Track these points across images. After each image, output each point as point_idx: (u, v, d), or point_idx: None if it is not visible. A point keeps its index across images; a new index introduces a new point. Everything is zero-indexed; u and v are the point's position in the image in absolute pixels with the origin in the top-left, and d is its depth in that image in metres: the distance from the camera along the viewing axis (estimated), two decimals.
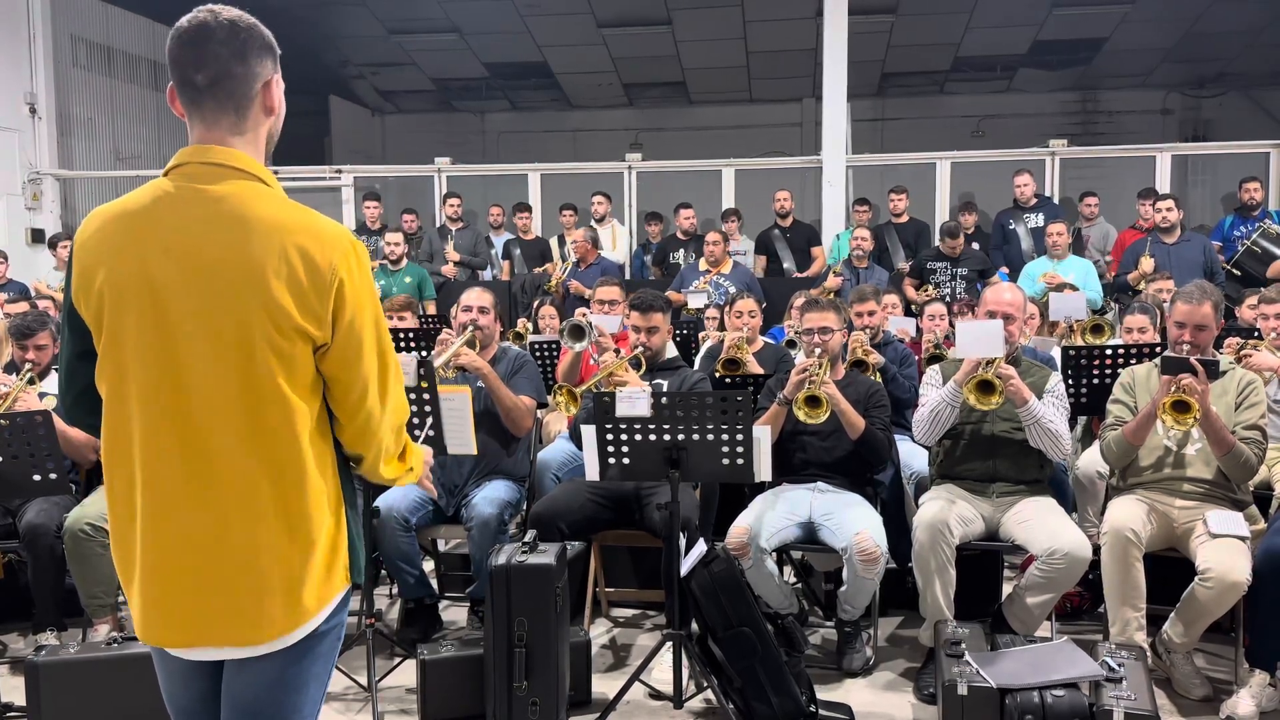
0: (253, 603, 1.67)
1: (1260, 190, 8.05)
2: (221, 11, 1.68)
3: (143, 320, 1.65)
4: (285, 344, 1.64)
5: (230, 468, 1.65)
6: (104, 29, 11.17)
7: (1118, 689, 2.91)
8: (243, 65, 1.67)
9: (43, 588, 4.03)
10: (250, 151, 1.71)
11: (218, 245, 1.63)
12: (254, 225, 1.63)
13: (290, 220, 1.66)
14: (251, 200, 1.65)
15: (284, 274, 1.62)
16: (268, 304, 1.62)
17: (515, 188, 10.51)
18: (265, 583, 1.67)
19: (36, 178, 10.39)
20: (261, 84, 1.71)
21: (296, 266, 1.63)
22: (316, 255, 1.64)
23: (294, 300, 1.63)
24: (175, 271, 1.64)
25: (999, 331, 3.67)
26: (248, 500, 1.66)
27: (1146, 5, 11.12)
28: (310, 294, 1.64)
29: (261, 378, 1.64)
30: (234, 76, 1.67)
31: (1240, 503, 3.66)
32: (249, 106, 1.70)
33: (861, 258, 7.92)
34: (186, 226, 1.64)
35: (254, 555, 1.66)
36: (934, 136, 12.83)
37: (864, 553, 3.58)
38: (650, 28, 11.92)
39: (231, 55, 1.66)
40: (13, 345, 4.38)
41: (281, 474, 1.67)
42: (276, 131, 1.80)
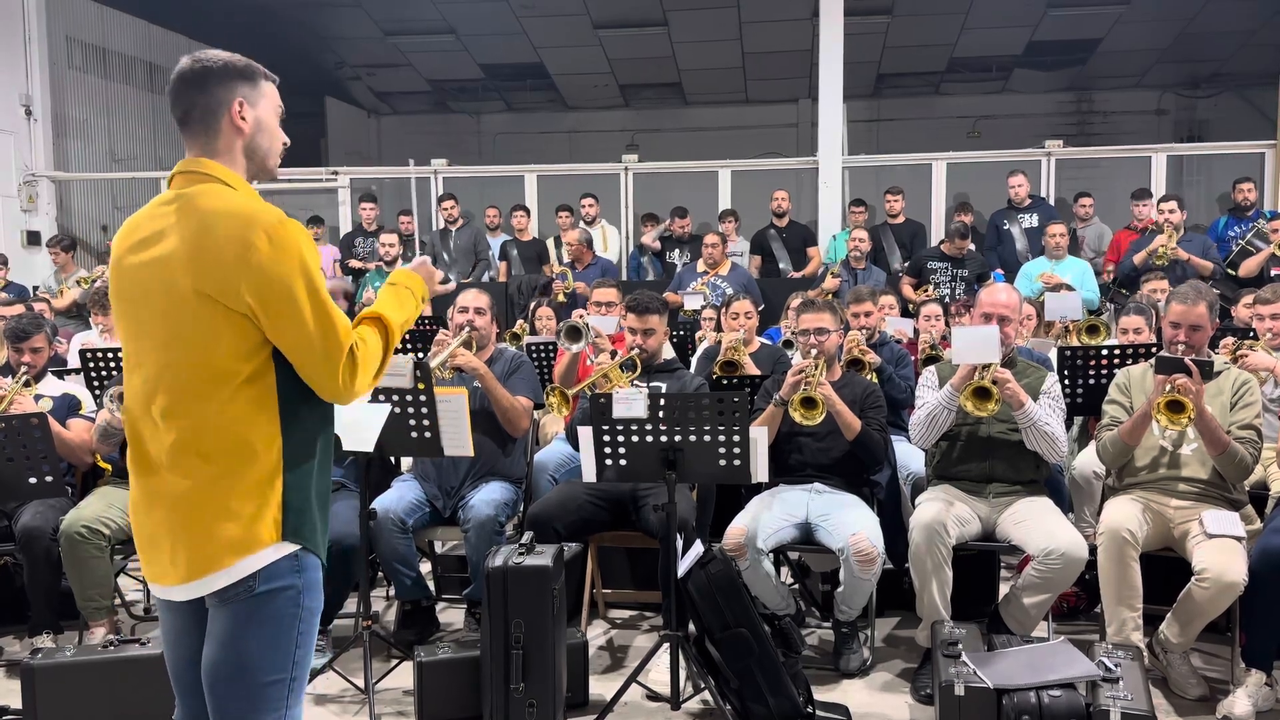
0: (172, 545, 1.90)
1: (1254, 190, 8.07)
2: (202, 56, 1.97)
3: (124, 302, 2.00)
4: (210, 315, 1.86)
5: (170, 420, 1.89)
6: (100, 30, 11.16)
7: (1114, 689, 2.92)
8: (204, 95, 1.95)
9: (38, 590, 4.02)
10: (224, 163, 1.97)
11: (174, 234, 1.89)
12: (200, 216, 1.88)
13: (223, 207, 1.88)
14: (205, 197, 1.90)
15: (211, 253, 1.85)
16: (196, 281, 1.85)
17: (511, 189, 10.51)
18: (185, 526, 1.88)
19: (32, 179, 10.37)
20: (225, 108, 1.96)
21: (221, 246, 1.84)
22: (235, 233, 1.84)
23: (215, 275, 1.84)
24: (145, 257, 1.93)
25: (995, 337, 3.67)
26: (178, 453, 1.89)
27: (1141, 6, 11.15)
28: (228, 268, 1.83)
29: (192, 345, 1.88)
30: (197, 106, 1.95)
31: (1236, 502, 3.67)
32: (216, 130, 1.96)
33: (859, 259, 7.92)
34: (157, 220, 1.94)
35: (177, 501, 1.89)
36: (929, 137, 12.86)
37: (861, 553, 3.59)
38: (646, 29, 11.93)
39: (194, 90, 1.95)
40: (8, 348, 4.37)
41: (202, 431, 1.87)
42: (264, 146, 2.02)
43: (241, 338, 1.87)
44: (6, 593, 4.38)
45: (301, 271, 1.86)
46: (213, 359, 1.87)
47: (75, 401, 4.40)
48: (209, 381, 1.87)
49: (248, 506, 1.87)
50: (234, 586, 1.87)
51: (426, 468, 4.17)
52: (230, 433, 1.87)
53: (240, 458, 1.87)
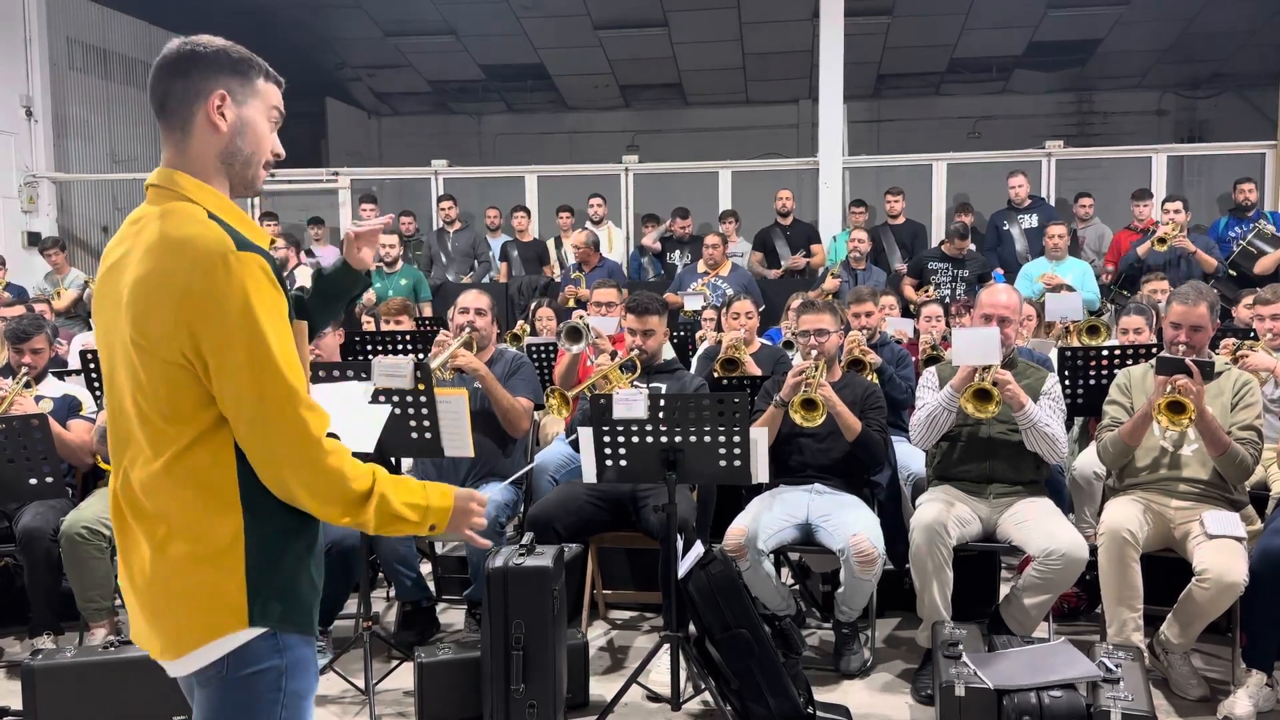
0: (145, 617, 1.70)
1: (1255, 191, 8.07)
2: (194, 39, 1.71)
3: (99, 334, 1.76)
4: (142, 366, 1.62)
5: (135, 481, 1.67)
6: (100, 32, 11.16)
7: (1115, 689, 2.92)
8: (183, 82, 1.68)
9: (39, 591, 4.02)
10: (195, 171, 1.69)
11: (129, 266, 1.64)
12: (148, 249, 1.62)
13: (173, 236, 1.60)
14: (165, 221, 1.63)
15: (147, 296, 1.60)
16: (132, 328, 1.61)
17: (512, 190, 10.51)
18: (151, 603, 1.68)
19: (32, 181, 10.38)
20: (205, 101, 1.67)
21: (158, 286, 1.59)
22: (169, 271, 1.58)
23: (150, 322, 1.59)
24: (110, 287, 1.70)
25: (995, 339, 3.67)
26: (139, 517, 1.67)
27: (1141, 6, 11.14)
28: (161, 312, 1.58)
29: (133, 399, 1.64)
30: (174, 94, 1.68)
31: (1236, 503, 3.67)
32: (191, 124, 1.68)
33: (860, 259, 7.92)
34: (123, 242, 1.69)
35: (142, 571, 1.68)
36: (930, 138, 12.86)
37: (861, 554, 3.59)
38: (646, 30, 11.93)
39: (174, 75, 1.68)
40: (9, 349, 4.38)
41: (152, 494, 1.64)
42: (244, 152, 1.72)
43: (186, 391, 1.61)
44: (7, 594, 4.38)
45: (245, 312, 1.56)
46: (161, 412, 1.62)
47: (76, 402, 4.41)
48: (161, 437, 1.63)
49: (207, 585, 1.62)
50: (207, 670, 1.65)
51: (427, 468, 4.17)
52: (182, 499, 1.62)
53: (195, 529, 1.62)
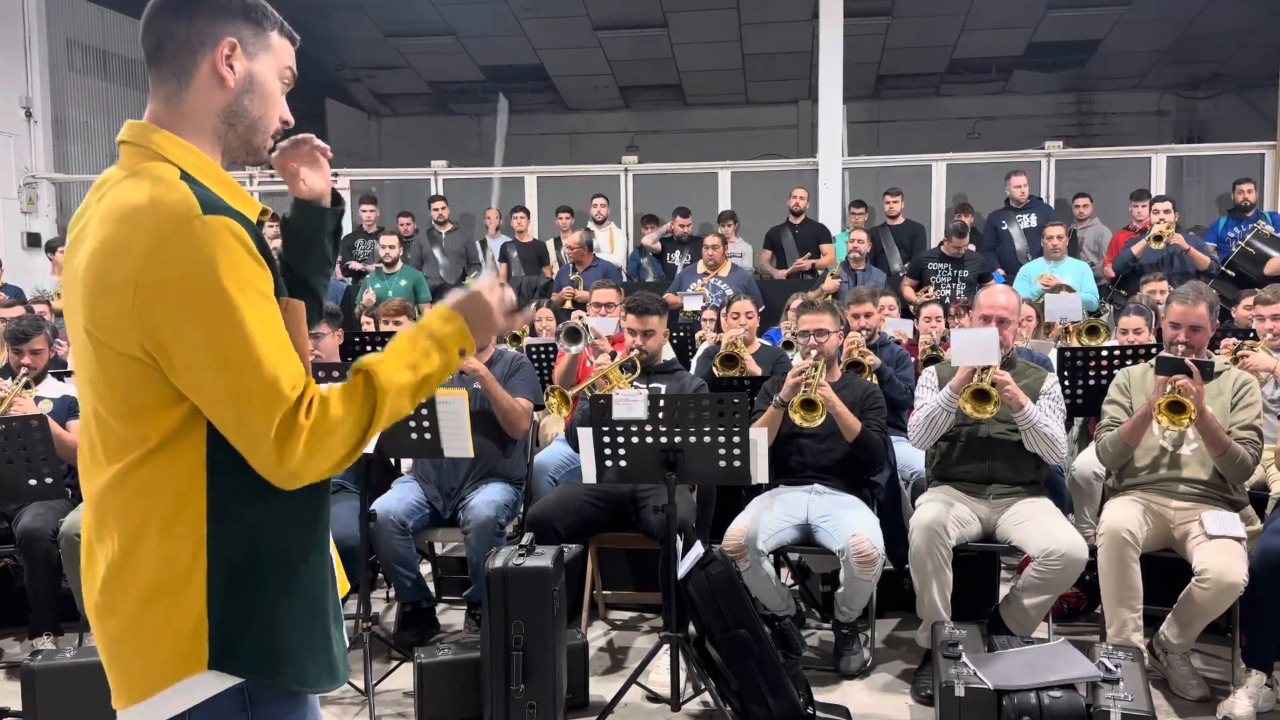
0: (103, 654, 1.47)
1: (1254, 191, 8.07)
2: None
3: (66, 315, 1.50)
4: (97, 359, 1.38)
5: (91, 491, 1.44)
6: (99, 32, 11.16)
7: (1115, 690, 2.92)
8: (185, 24, 1.43)
9: (38, 592, 4.02)
10: (185, 129, 1.44)
11: (87, 239, 1.39)
12: (108, 218, 1.37)
13: (134, 203, 1.35)
14: (130, 189, 1.38)
15: (99, 274, 1.35)
16: (85, 315, 1.37)
17: (512, 191, 10.51)
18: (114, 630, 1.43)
19: (32, 181, 10.38)
20: (211, 49, 1.43)
21: (104, 260, 1.34)
22: (127, 242, 1.33)
23: (101, 306, 1.35)
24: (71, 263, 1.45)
25: (994, 340, 3.67)
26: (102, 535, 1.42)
27: (1141, 7, 11.15)
28: (114, 292, 1.33)
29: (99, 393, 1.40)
30: (173, 38, 1.43)
31: (1236, 503, 3.67)
32: (192, 74, 1.44)
33: (859, 260, 7.93)
34: (86, 211, 1.45)
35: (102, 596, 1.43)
36: (929, 138, 12.86)
37: (861, 554, 3.59)
38: (646, 30, 11.94)
39: (175, 14, 1.43)
40: (9, 349, 4.37)
41: (104, 509, 1.40)
42: (252, 112, 1.49)
43: (145, 388, 1.35)
44: (7, 594, 4.38)
45: (212, 289, 1.31)
46: (117, 412, 1.38)
47: (75, 403, 4.37)
48: (116, 441, 1.38)
49: (160, 618, 1.37)
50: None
51: (427, 469, 4.17)
52: (139, 511, 1.37)
53: (151, 548, 1.36)
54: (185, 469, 1.37)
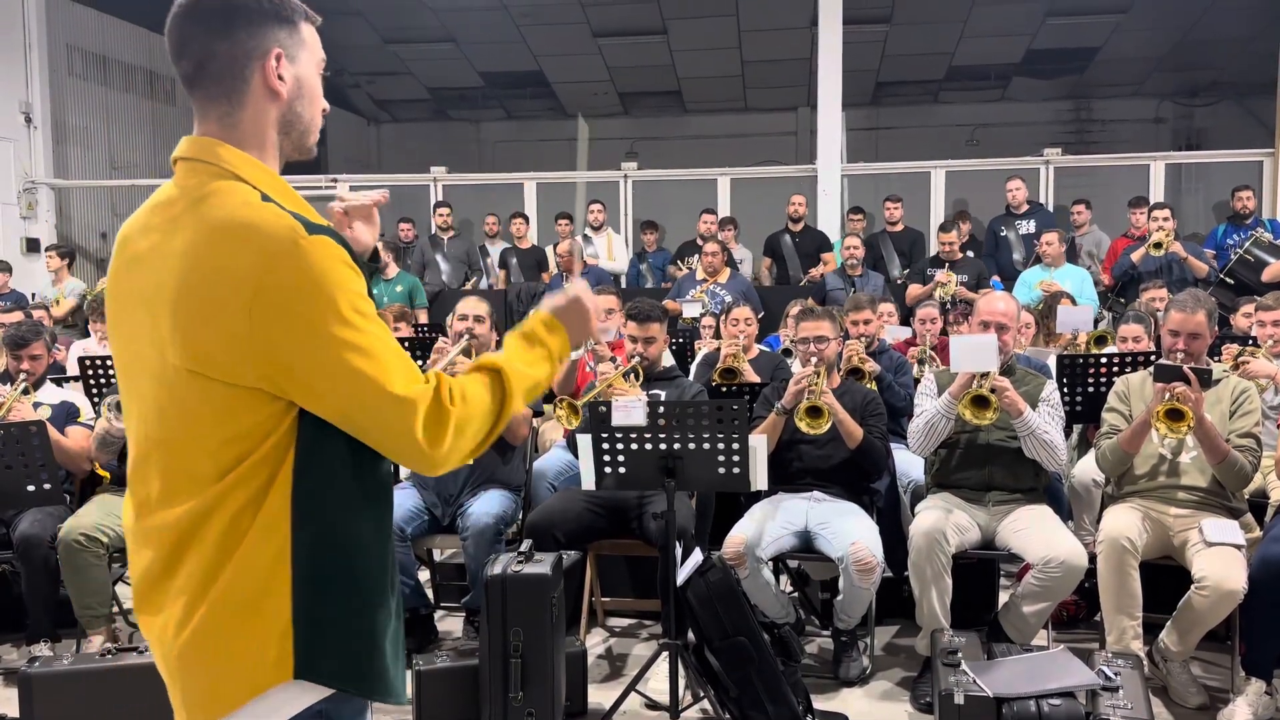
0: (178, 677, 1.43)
1: (1253, 199, 8.09)
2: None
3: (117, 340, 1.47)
4: (196, 393, 1.34)
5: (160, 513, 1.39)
6: (100, 38, 11.18)
7: (1114, 698, 2.91)
8: (226, 41, 1.38)
9: (36, 599, 4.01)
10: (247, 143, 1.41)
11: (164, 263, 1.35)
12: (190, 241, 1.34)
13: (218, 226, 1.32)
14: (211, 207, 1.34)
15: (194, 302, 1.31)
16: (182, 347, 1.33)
17: (511, 197, 10.52)
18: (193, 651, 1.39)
19: (31, 187, 10.38)
20: (257, 60, 1.39)
21: (207, 290, 1.31)
22: (228, 269, 1.30)
23: (203, 335, 1.31)
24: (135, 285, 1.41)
25: (993, 346, 3.67)
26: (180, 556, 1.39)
27: (1139, 14, 11.18)
28: (222, 321, 1.30)
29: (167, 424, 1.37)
30: (217, 58, 1.38)
31: (1235, 511, 3.67)
32: (243, 91, 1.40)
33: (855, 266, 7.94)
34: (151, 233, 1.40)
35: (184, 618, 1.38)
36: (928, 145, 12.87)
37: (860, 562, 3.58)
38: (646, 37, 11.96)
39: (211, 32, 1.38)
40: (8, 355, 4.37)
41: (182, 537, 1.37)
42: (305, 116, 1.47)
43: (248, 416, 1.34)
44: (4, 601, 4.38)
45: (328, 305, 1.30)
46: (205, 443, 1.34)
47: (74, 409, 4.40)
48: (200, 466, 1.35)
49: (246, 633, 1.36)
50: None
51: (425, 476, 4.17)
52: (221, 532, 1.35)
53: (234, 567, 1.35)
54: (272, 488, 1.35)
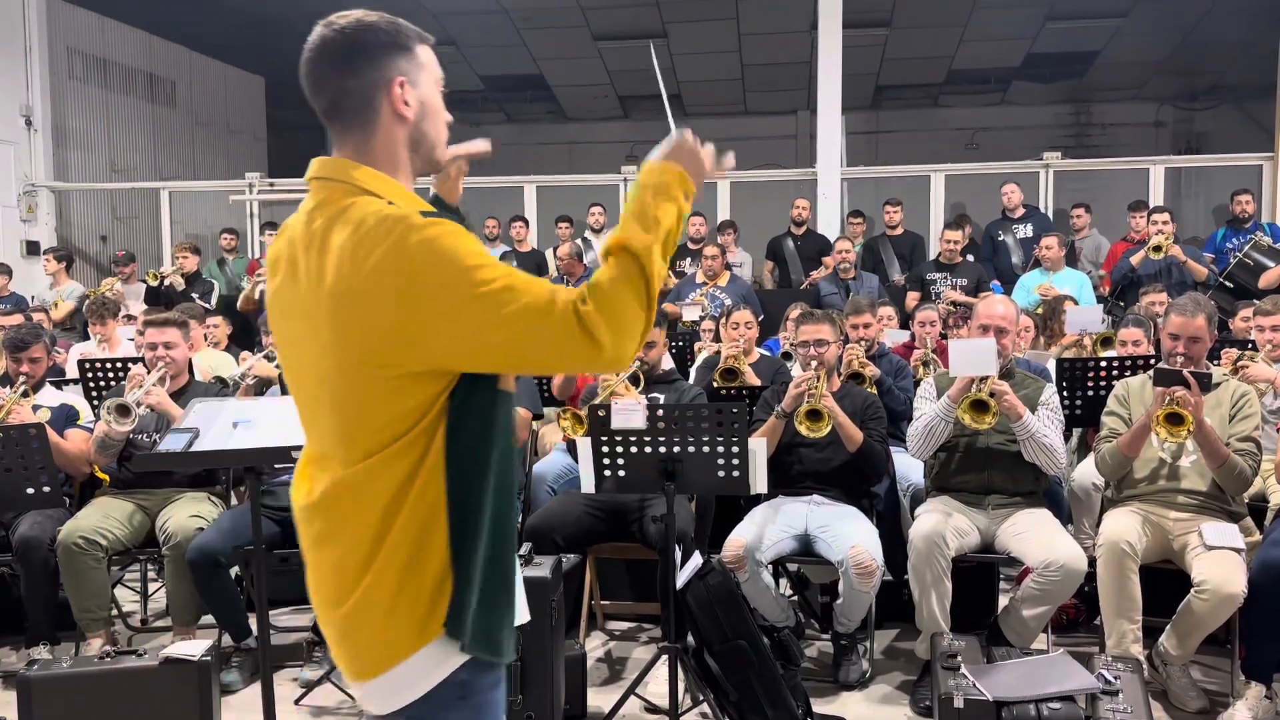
0: (341, 634, 1.52)
1: (1252, 203, 8.08)
2: (335, 22, 1.52)
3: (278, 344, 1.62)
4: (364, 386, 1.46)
5: (329, 485, 1.51)
6: (100, 41, 11.19)
7: (1114, 701, 2.91)
8: (355, 78, 1.51)
9: (35, 601, 4.01)
10: (381, 165, 1.53)
11: (315, 277, 1.47)
12: (340, 253, 1.44)
13: (357, 232, 1.43)
14: (341, 220, 1.46)
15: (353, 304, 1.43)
16: (353, 346, 1.44)
17: (511, 200, 10.53)
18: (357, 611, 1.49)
19: (31, 190, 10.39)
20: (384, 90, 1.52)
21: (359, 288, 1.41)
22: (370, 266, 1.41)
23: (367, 329, 1.42)
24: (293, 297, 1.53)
25: (992, 350, 3.67)
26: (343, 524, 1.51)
27: (1139, 18, 11.19)
28: (381, 311, 1.41)
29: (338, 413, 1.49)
30: (349, 94, 1.51)
31: (1235, 514, 3.67)
32: (374, 120, 1.52)
33: (847, 269, 7.94)
34: (297, 246, 1.52)
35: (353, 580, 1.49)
36: (928, 149, 12.89)
37: (860, 565, 3.58)
38: (645, 40, 11.97)
39: (340, 71, 1.51)
40: (7, 358, 4.37)
41: (359, 496, 1.48)
42: (430, 134, 1.59)
43: (411, 398, 1.45)
44: (3, 603, 4.38)
45: (460, 266, 1.39)
46: (372, 424, 1.46)
47: (73, 412, 4.40)
48: (367, 443, 1.47)
49: (403, 594, 1.46)
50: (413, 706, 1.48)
51: None
52: (383, 502, 1.46)
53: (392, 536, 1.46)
54: (428, 459, 1.46)
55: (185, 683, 3.23)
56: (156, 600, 4.84)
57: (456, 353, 1.43)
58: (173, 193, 11.00)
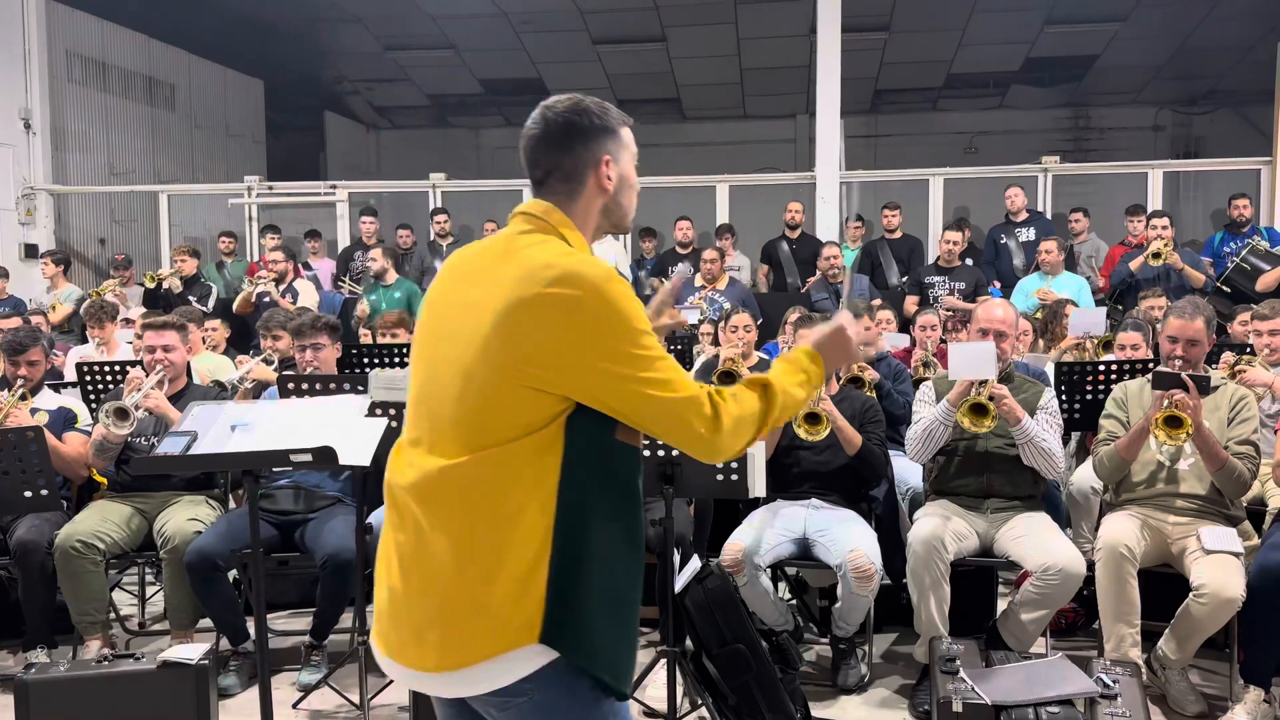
0: (427, 623, 1.64)
1: (1250, 207, 8.09)
2: (554, 105, 1.79)
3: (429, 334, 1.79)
4: (501, 383, 1.63)
5: (440, 483, 1.65)
6: (99, 44, 11.19)
7: (1113, 705, 2.91)
8: (569, 156, 1.78)
9: (33, 605, 4.00)
10: (575, 217, 1.78)
11: (495, 289, 1.67)
12: (527, 272, 1.65)
13: (547, 263, 1.65)
14: (538, 251, 1.68)
15: (523, 316, 1.62)
16: (503, 347, 1.63)
17: (510, 204, 10.49)
18: (438, 606, 1.62)
19: (30, 193, 10.39)
20: (592, 168, 1.79)
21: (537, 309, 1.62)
22: (553, 298, 1.62)
23: (524, 342, 1.61)
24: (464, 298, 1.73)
25: (991, 353, 3.67)
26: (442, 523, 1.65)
27: (1138, 23, 11.21)
28: (542, 334, 1.61)
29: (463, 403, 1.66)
30: (561, 168, 1.78)
31: (1234, 518, 3.67)
32: (579, 190, 1.79)
33: (835, 274, 7.95)
34: (485, 259, 1.75)
35: (434, 574, 1.64)
36: (927, 153, 12.91)
37: (858, 569, 3.58)
38: (645, 44, 11.99)
39: (558, 150, 1.78)
40: (5, 361, 4.37)
41: (473, 505, 1.62)
42: (624, 204, 1.86)
43: (537, 408, 1.63)
44: (1, 607, 4.36)
45: (633, 333, 1.62)
46: (492, 423, 1.63)
47: (71, 415, 4.39)
48: (482, 438, 1.63)
49: (500, 593, 1.60)
50: (500, 694, 1.62)
51: None
52: (493, 498, 1.61)
53: (500, 533, 1.61)
54: (542, 472, 1.62)
55: (183, 686, 3.22)
56: (154, 604, 4.83)
57: (588, 388, 1.62)
58: (171, 196, 11.00)
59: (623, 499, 1.69)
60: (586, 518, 1.63)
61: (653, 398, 1.63)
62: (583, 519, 1.63)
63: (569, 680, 1.64)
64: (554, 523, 1.61)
